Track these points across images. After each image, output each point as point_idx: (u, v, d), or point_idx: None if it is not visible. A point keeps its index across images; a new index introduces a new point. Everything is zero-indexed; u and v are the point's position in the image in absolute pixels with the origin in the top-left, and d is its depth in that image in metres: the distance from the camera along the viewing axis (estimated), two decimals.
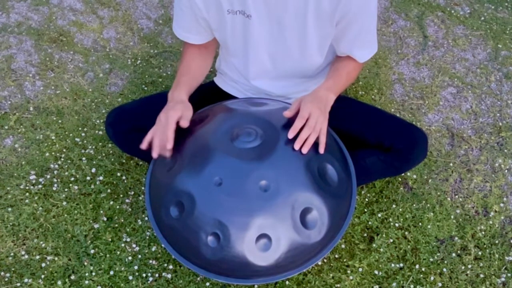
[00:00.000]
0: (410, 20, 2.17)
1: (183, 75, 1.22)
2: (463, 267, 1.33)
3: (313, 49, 1.15)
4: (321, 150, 1.03)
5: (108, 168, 1.53)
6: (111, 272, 1.29)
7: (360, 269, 1.31)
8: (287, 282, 1.27)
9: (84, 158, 1.56)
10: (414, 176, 1.54)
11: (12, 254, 1.32)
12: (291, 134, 1.00)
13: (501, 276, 1.31)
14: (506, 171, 1.58)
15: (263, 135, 1.02)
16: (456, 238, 1.39)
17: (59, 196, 1.46)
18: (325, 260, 1.32)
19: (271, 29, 1.09)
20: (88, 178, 1.50)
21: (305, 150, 1.00)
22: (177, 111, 1.07)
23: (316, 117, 1.02)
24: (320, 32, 1.10)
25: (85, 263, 1.31)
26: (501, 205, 1.48)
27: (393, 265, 1.33)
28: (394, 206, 1.45)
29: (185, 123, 1.08)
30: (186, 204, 0.98)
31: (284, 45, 1.13)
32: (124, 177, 1.51)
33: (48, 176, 1.51)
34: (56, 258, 1.32)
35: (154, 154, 1.07)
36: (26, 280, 1.27)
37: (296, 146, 0.99)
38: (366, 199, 1.47)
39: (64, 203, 1.44)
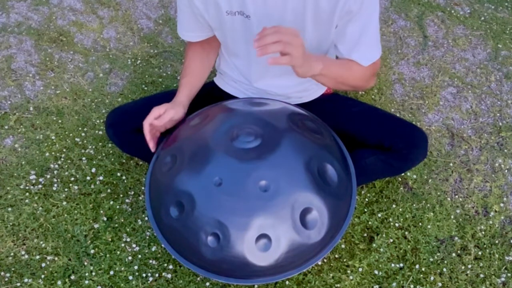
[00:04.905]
0: (410, 20, 2.17)
1: (184, 77, 1.26)
2: (463, 267, 1.33)
3: (312, 48, 1.15)
4: (273, 59, 0.91)
5: (108, 168, 1.53)
6: (111, 272, 1.29)
7: (360, 269, 1.31)
8: (287, 282, 1.27)
9: (84, 158, 1.56)
10: (414, 176, 1.54)
11: (12, 254, 1.32)
12: (256, 37, 0.92)
13: (501, 276, 1.31)
14: (506, 171, 1.58)
15: (263, 135, 1.02)
16: (456, 238, 1.39)
17: (59, 196, 1.46)
18: (325, 260, 1.32)
19: None
20: (88, 178, 1.50)
21: (260, 53, 0.90)
22: (160, 108, 1.14)
23: (293, 39, 0.91)
24: (319, 31, 1.10)
25: (85, 263, 1.31)
26: (501, 205, 1.48)
27: (393, 265, 1.33)
28: (394, 206, 1.45)
29: (157, 123, 1.14)
30: (186, 204, 0.98)
31: None
32: (124, 177, 1.51)
33: (48, 176, 1.51)
34: (56, 258, 1.32)
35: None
36: (26, 280, 1.27)
37: (255, 44, 0.91)
38: (366, 199, 1.47)
39: (64, 203, 1.44)
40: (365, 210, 1.44)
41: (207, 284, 1.27)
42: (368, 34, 1.09)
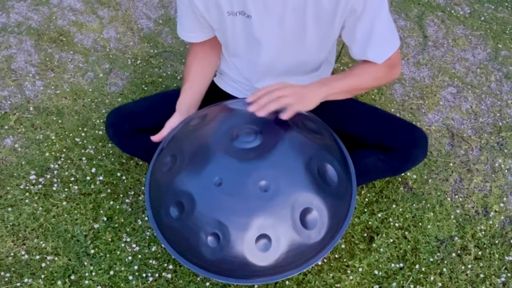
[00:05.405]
0: (410, 20, 2.17)
1: (184, 83, 1.26)
2: (463, 267, 1.33)
3: (314, 47, 1.15)
4: (282, 115, 1.02)
5: (108, 168, 1.53)
6: (111, 272, 1.29)
7: (360, 269, 1.31)
8: (287, 282, 1.27)
9: (84, 158, 1.56)
10: (414, 176, 1.54)
11: (12, 254, 1.32)
12: (249, 99, 1.02)
13: (501, 276, 1.31)
14: (506, 171, 1.58)
15: (263, 135, 1.02)
16: (456, 238, 1.39)
17: (59, 196, 1.46)
18: (325, 260, 1.32)
19: (271, 28, 1.09)
20: (88, 178, 1.50)
21: (260, 113, 1.00)
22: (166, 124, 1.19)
23: (282, 91, 1.01)
24: (321, 30, 1.09)
25: (85, 263, 1.31)
26: (501, 205, 1.48)
27: (393, 265, 1.33)
28: (394, 206, 1.45)
29: (158, 138, 1.18)
30: (186, 204, 0.98)
31: (285, 44, 1.13)
32: (124, 177, 1.51)
33: (48, 176, 1.51)
34: (56, 258, 1.32)
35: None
36: (26, 280, 1.27)
37: (251, 108, 1.01)
38: (366, 199, 1.47)
39: (64, 203, 1.44)
40: (365, 210, 1.44)
41: (207, 284, 1.27)
42: (378, 31, 1.08)
